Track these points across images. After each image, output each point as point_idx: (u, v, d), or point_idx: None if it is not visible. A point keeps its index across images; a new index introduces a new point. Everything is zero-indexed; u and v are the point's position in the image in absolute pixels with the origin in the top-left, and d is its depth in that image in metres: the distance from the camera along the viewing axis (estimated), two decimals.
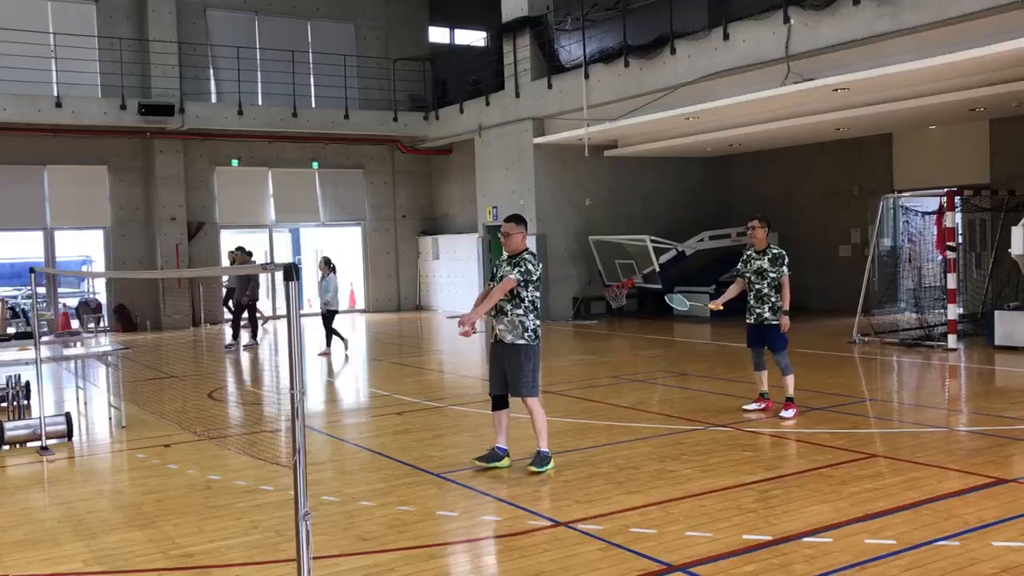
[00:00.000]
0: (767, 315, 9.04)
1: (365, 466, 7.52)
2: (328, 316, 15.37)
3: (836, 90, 13.81)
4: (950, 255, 13.13)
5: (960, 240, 14.63)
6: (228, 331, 17.82)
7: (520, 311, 6.84)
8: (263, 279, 15.43)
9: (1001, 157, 16.62)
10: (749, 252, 9.38)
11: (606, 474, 6.77)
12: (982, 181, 16.34)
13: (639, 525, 5.51)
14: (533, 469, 6.81)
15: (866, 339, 14.02)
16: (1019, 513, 5.59)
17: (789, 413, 8.65)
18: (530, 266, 6.83)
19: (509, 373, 6.83)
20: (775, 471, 6.70)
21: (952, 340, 12.99)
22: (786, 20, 13.87)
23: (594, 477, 6.70)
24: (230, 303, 19.49)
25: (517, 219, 7.16)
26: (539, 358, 6.97)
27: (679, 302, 9.54)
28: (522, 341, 6.81)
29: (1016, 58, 11.89)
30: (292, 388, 3.15)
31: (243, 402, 11.61)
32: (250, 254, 17.64)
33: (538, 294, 6.94)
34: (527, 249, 7.05)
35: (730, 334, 16.11)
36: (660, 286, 19.19)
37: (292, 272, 3.11)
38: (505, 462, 7.03)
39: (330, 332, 15.43)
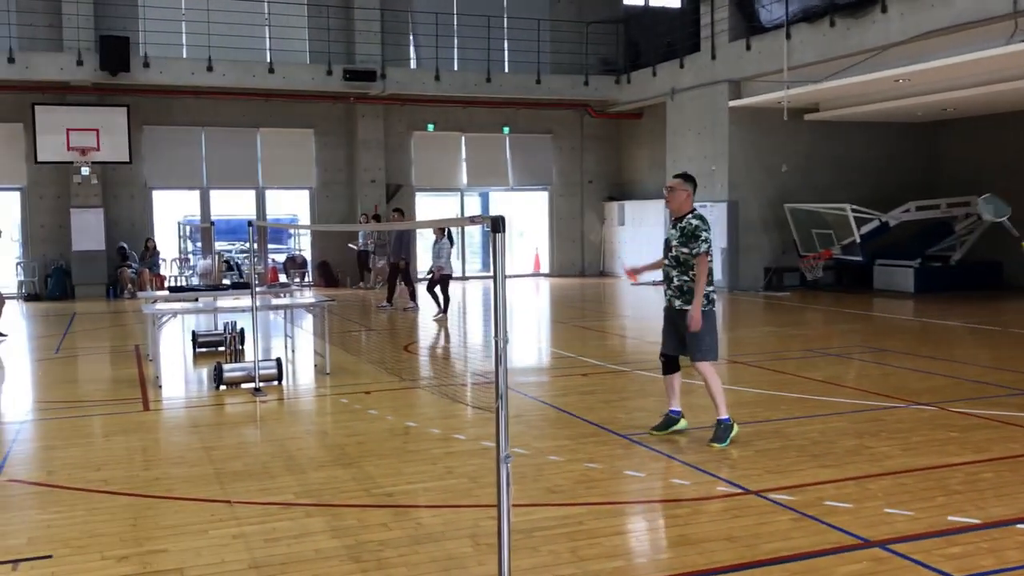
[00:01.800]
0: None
1: (553, 423, 7.65)
2: (442, 280, 15.24)
3: None
4: None
5: None
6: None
7: (688, 276, 6.66)
8: (417, 243, 15.47)
9: None
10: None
11: (799, 446, 6.58)
12: None
13: (834, 499, 5.33)
14: (716, 446, 6.53)
15: None
16: None
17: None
18: (706, 233, 6.58)
19: (688, 338, 6.67)
20: (985, 454, 6.30)
21: None
22: None
23: (786, 448, 6.53)
24: (375, 264, 20.26)
25: (686, 176, 6.89)
26: (714, 322, 6.74)
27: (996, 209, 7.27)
28: (691, 306, 6.59)
29: None
30: (496, 336, 3.24)
31: (436, 355, 12.05)
32: (404, 213, 18.02)
33: (710, 258, 6.66)
34: (694, 211, 6.78)
35: (936, 311, 15.18)
36: (860, 258, 18.31)
37: (500, 224, 3.19)
38: (682, 423, 6.96)
39: (443, 296, 15.25)
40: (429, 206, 23.88)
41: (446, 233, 15.40)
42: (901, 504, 5.23)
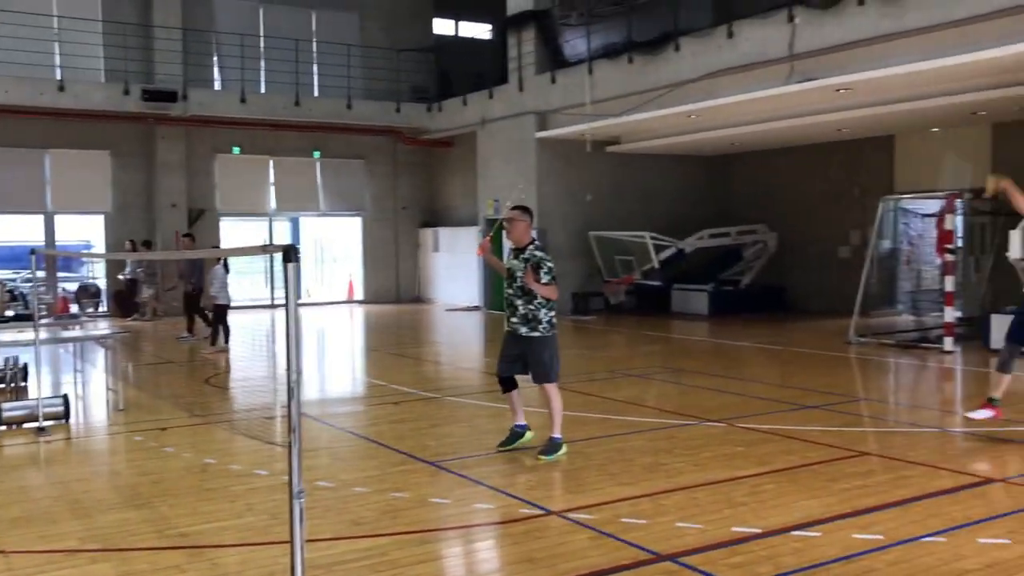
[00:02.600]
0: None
1: (360, 454, 7.57)
2: (216, 311, 14.28)
3: (839, 90, 13.84)
4: (949, 258, 13.16)
5: (960, 243, 14.66)
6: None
7: (533, 306, 7.00)
8: (219, 273, 14.22)
9: (1002, 161, 16.61)
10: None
11: (599, 465, 6.82)
12: (983, 185, 16.35)
13: (630, 515, 5.55)
14: (542, 458, 6.88)
15: (863, 340, 14.06)
16: (1005, 511, 5.64)
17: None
18: (549, 264, 6.98)
19: (529, 362, 7.03)
20: (767, 466, 6.75)
21: (949, 342, 13.02)
22: (790, 19, 13.89)
23: (587, 468, 6.75)
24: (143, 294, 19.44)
25: (524, 209, 7.25)
26: (556, 346, 7.13)
27: None
28: (537, 333, 7.01)
29: (1017, 62, 11.92)
30: (288, 369, 3.19)
31: (239, 389, 11.65)
32: (195, 239, 17.00)
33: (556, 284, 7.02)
34: (534, 241, 7.16)
35: (727, 333, 16.15)
36: (659, 283, 19.24)
37: (291, 254, 3.15)
38: (528, 435, 7.22)
39: (216, 326, 14.33)
40: (235, 231, 23.12)
41: (221, 261, 14.32)
42: (691, 518, 5.51)
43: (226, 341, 14.35)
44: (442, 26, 26.33)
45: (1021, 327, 7.62)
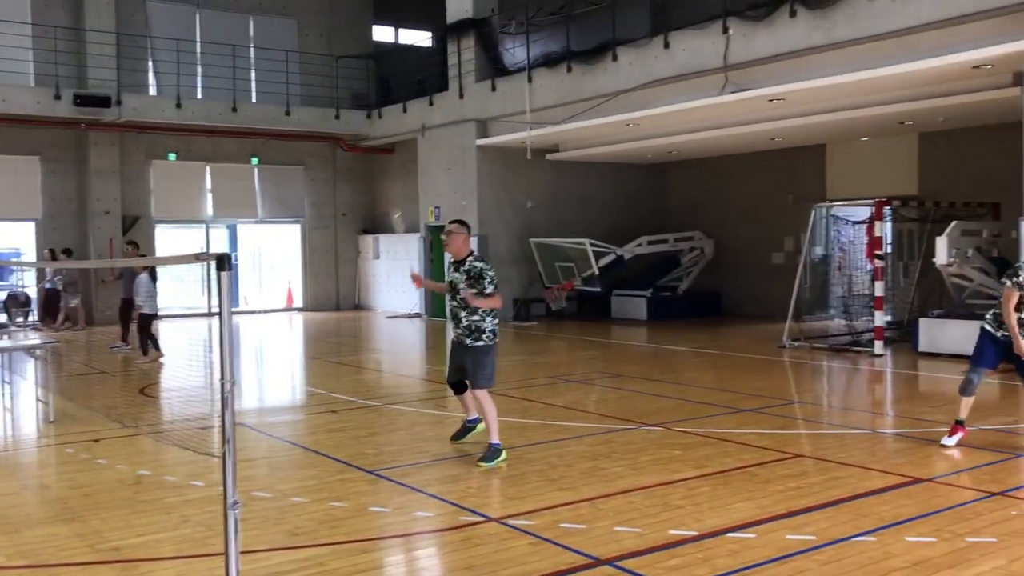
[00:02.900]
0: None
1: (298, 463, 7.50)
2: (142, 321, 13.84)
3: (772, 100, 14.16)
4: (878, 263, 13.51)
5: (888, 249, 15.07)
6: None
7: (476, 317, 7.15)
8: (144, 281, 13.79)
9: (928, 169, 17.17)
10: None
11: (539, 471, 6.86)
12: (910, 192, 16.87)
13: (569, 520, 5.60)
14: (482, 465, 6.96)
15: (796, 344, 14.36)
16: (932, 510, 5.81)
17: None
18: (491, 274, 7.15)
19: (469, 368, 7.23)
20: (703, 469, 6.86)
21: (879, 346, 13.37)
22: (725, 31, 14.16)
23: (527, 474, 6.79)
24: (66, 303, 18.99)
25: (461, 222, 7.45)
26: (496, 354, 7.32)
27: None
28: (481, 343, 7.17)
29: (941, 74, 12.34)
30: (222, 378, 3.16)
31: (175, 399, 11.45)
32: (138, 246, 16.50)
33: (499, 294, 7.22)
34: (473, 253, 7.33)
35: (666, 338, 16.35)
36: (599, 289, 19.41)
37: (225, 262, 3.13)
38: (480, 427, 7.52)
39: (143, 336, 13.89)
40: (171, 238, 22.73)
41: (146, 269, 13.90)
42: (629, 522, 5.58)
43: (156, 349, 14.08)
44: (382, 33, 26.25)
45: (983, 351, 7.54)
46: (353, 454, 7.55)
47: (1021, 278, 7.08)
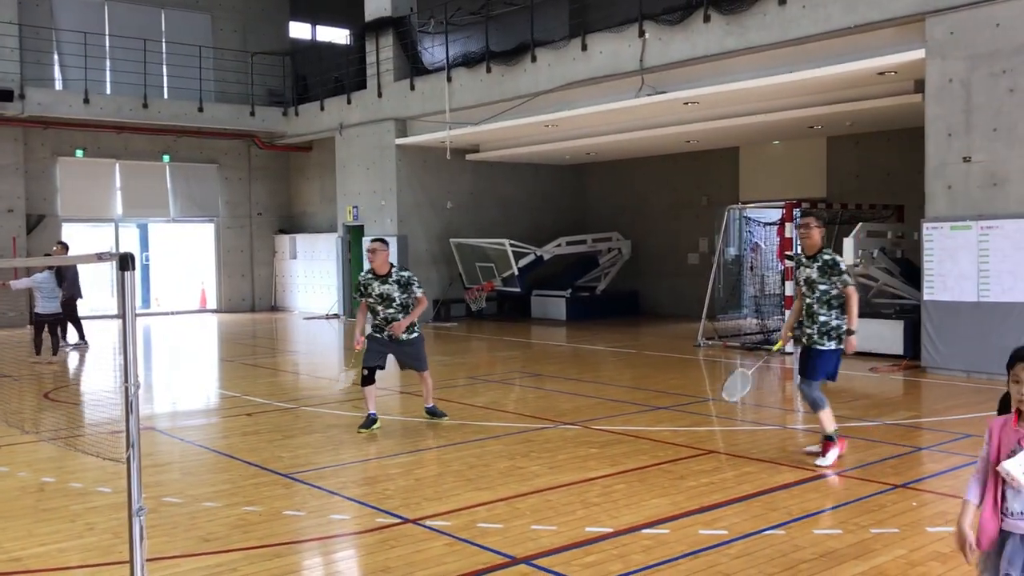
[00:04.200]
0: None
1: (211, 467, 7.34)
2: (38, 321, 13.99)
3: (687, 103, 14.42)
4: (788, 264, 13.87)
5: (798, 250, 15.47)
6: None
7: (402, 316, 8.38)
8: (46, 280, 13.66)
9: (836, 173, 17.72)
10: (797, 255, 7.47)
11: (457, 472, 6.85)
12: (820, 195, 17.38)
13: (486, 520, 5.60)
14: (442, 420, 8.66)
15: (710, 342, 14.66)
16: (838, 503, 6.00)
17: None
18: (416, 279, 8.47)
19: (411, 358, 8.60)
20: (619, 467, 6.94)
21: (789, 344, 13.70)
22: (641, 34, 14.37)
23: (445, 475, 6.77)
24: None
25: (382, 240, 8.57)
26: (424, 343, 8.73)
27: (732, 387, 7.38)
28: (415, 335, 8.55)
29: (848, 80, 12.74)
30: (126, 381, 3.07)
31: (82, 403, 11.08)
32: (68, 247, 16.30)
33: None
34: (393, 265, 8.48)
35: (584, 337, 16.51)
36: (519, 289, 19.48)
37: (128, 262, 3.04)
38: (377, 423, 8.39)
39: (39, 338, 14.03)
40: (78, 237, 21.97)
41: (47, 269, 13.82)
42: (546, 520, 5.61)
43: (54, 352, 13.87)
44: (299, 30, 25.88)
45: (806, 362, 7.15)
46: (268, 457, 7.42)
47: (796, 271, 7.34)
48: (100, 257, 3.33)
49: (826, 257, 7.12)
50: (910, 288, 13.43)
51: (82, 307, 16.33)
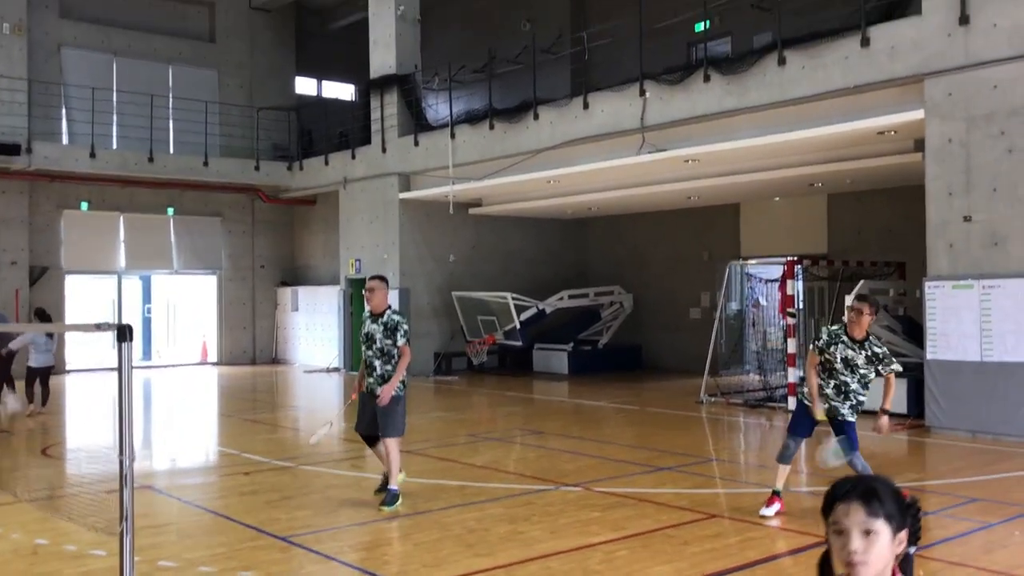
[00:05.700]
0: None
1: (208, 529, 7.24)
2: (29, 373, 13.84)
3: (687, 161, 14.52)
4: (790, 320, 13.84)
5: (800, 306, 15.46)
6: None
7: (390, 366, 7.57)
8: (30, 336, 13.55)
9: (837, 229, 17.77)
10: (835, 330, 7.31)
11: (456, 536, 6.75)
12: (821, 251, 17.42)
13: None
14: (384, 509, 7.42)
15: (713, 399, 14.57)
16: None
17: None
18: (405, 327, 7.63)
19: (380, 416, 7.50)
20: (621, 531, 6.84)
21: (792, 402, 13.62)
22: (642, 93, 14.52)
23: (444, 539, 6.67)
24: None
25: (382, 278, 7.89)
26: (405, 404, 7.71)
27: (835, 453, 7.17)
28: (393, 392, 7.53)
29: (848, 139, 12.85)
30: (121, 453, 3.04)
31: (80, 460, 10.98)
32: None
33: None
34: (390, 307, 7.76)
35: (587, 392, 16.42)
36: (520, 343, 19.43)
37: (126, 332, 3.02)
38: (401, 476, 7.72)
39: (28, 389, 13.77)
40: (82, 289, 22.04)
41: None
42: None
43: (43, 403, 13.82)
44: (304, 85, 26.21)
45: (799, 419, 7.46)
46: (265, 519, 7.32)
47: (820, 342, 7.27)
48: (99, 327, 3.32)
49: (877, 349, 7.16)
50: (913, 346, 13.37)
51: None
